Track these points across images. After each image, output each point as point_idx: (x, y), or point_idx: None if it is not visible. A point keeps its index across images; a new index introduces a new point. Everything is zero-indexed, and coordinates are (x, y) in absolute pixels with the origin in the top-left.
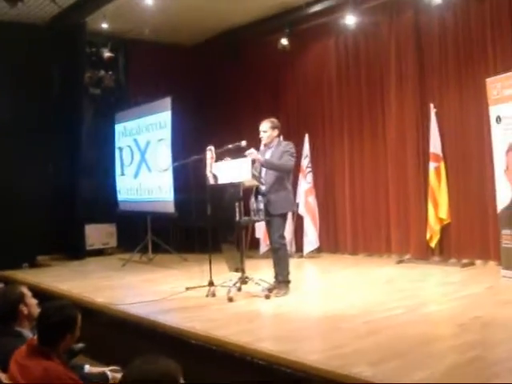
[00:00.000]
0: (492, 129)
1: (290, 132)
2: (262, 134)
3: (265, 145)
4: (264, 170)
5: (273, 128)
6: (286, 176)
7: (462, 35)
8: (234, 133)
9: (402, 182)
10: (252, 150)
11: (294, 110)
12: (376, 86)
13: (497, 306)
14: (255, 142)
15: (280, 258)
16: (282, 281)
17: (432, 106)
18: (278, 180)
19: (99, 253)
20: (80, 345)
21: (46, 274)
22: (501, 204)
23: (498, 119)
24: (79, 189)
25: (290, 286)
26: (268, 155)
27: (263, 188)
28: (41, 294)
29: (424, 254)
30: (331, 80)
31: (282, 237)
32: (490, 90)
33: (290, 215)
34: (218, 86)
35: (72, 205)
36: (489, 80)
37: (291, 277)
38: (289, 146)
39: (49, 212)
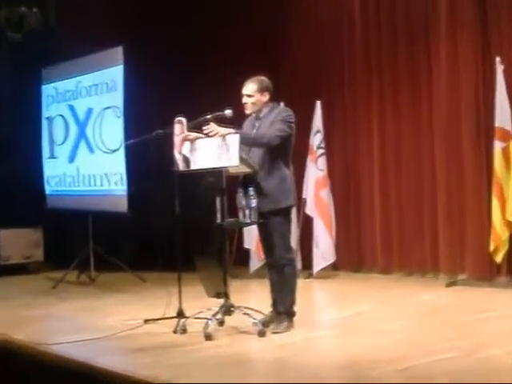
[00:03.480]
0: None
1: (294, 98)
2: (245, 99)
3: (255, 114)
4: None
5: (261, 91)
6: (281, 154)
7: None
8: (215, 97)
9: (454, 169)
10: (212, 126)
11: (300, 67)
12: (419, 34)
13: None
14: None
15: (285, 279)
16: (284, 312)
17: (498, 60)
18: (268, 161)
19: (19, 270)
20: None
21: None
22: None
23: None
24: None
25: (295, 318)
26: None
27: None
28: None
29: (486, 272)
30: (354, 24)
31: (289, 249)
32: None
33: (293, 214)
34: (191, 31)
35: None
36: None
37: (297, 307)
38: (284, 113)
39: None
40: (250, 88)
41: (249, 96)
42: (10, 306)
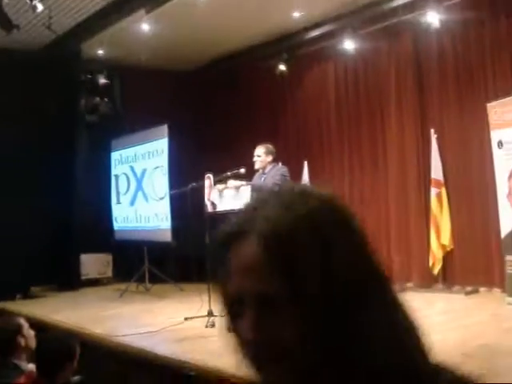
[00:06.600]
0: (494, 154)
1: (289, 158)
2: (255, 158)
3: (261, 170)
4: None
5: (267, 153)
6: None
7: (462, 59)
8: (233, 159)
9: (403, 207)
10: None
11: (292, 137)
12: (376, 112)
13: (502, 333)
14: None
15: None
16: None
17: (433, 131)
18: None
19: (94, 283)
20: (77, 377)
21: (41, 304)
22: (504, 229)
23: (500, 144)
24: (74, 217)
25: None
26: (262, 181)
27: None
28: (36, 326)
29: (427, 281)
30: (330, 105)
31: None
32: (490, 114)
33: None
34: (215, 112)
35: (67, 233)
36: (489, 105)
37: None
38: (282, 170)
39: (43, 241)
40: (259, 151)
41: (258, 156)
42: (90, 308)
